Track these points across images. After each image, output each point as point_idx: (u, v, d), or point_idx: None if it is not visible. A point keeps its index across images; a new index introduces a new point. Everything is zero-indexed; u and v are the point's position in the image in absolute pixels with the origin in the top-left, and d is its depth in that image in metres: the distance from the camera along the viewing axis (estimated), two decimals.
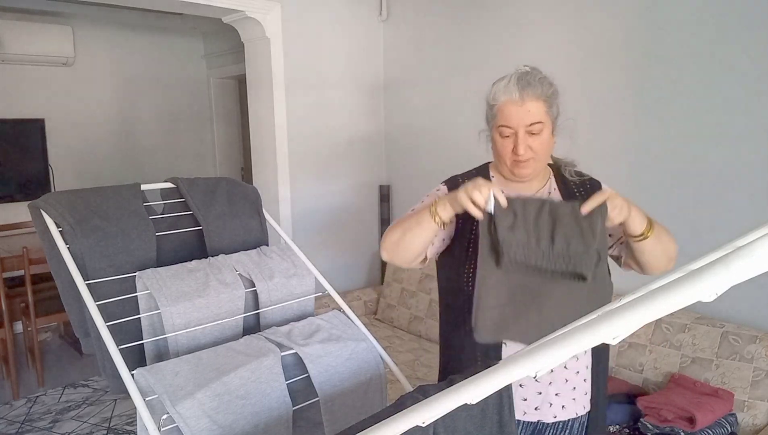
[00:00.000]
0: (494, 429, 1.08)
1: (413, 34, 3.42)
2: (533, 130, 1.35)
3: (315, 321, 1.43)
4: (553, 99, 1.39)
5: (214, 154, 5.69)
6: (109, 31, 4.89)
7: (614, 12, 2.47)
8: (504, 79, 1.36)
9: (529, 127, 1.35)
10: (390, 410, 0.92)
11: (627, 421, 2.04)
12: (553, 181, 1.51)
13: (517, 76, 1.35)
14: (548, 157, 1.45)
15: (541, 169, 1.44)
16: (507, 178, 1.46)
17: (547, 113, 1.37)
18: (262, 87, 3.25)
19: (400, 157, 3.63)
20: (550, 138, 1.41)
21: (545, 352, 0.53)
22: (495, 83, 1.38)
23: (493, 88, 1.38)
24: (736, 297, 2.07)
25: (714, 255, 0.58)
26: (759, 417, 1.97)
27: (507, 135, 1.36)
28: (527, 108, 1.34)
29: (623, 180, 2.51)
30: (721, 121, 2.20)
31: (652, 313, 0.45)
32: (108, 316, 1.26)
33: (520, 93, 1.33)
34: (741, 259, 0.40)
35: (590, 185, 1.52)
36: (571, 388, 1.39)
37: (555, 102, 1.41)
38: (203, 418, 1.08)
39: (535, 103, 1.34)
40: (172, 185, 1.58)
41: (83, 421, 3.06)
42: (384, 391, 1.40)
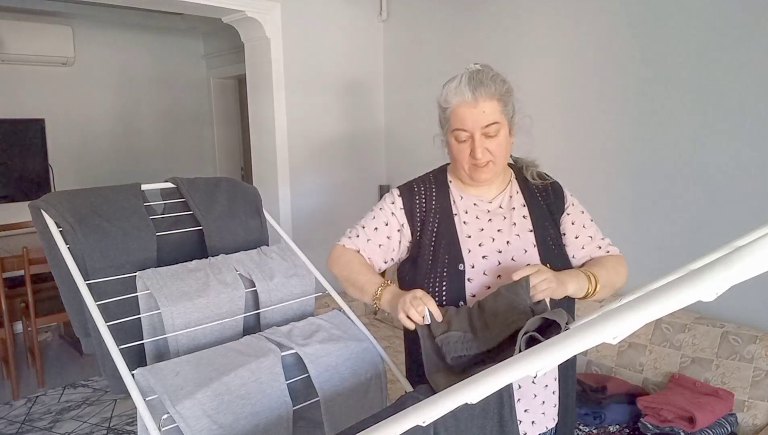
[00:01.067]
0: (495, 429, 1.08)
1: (413, 34, 3.42)
2: (489, 132, 1.29)
3: (315, 321, 1.43)
4: (507, 97, 1.31)
5: (214, 154, 5.69)
6: (109, 31, 4.89)
7: (613, 12, 2.47)
8: (455, 80, 1.30)
9: (485, 129, 1.28)
10: (390, 410, 0.92)
11: (627, 421, 2.04)
12: (514, 183, 1.45)
13: (468, 76, 1.29)
14: (507, 159, 1.39)
15: (500, 171, 1.39)
16: (465, 183, 1.42)
17: (502, 113, 1.30)
18: (262, 87, 3.25)
19: (400, 157, 3.63)
20: (507, 138, 1.34)
21: (545, 352, 0.53)
22: (445, 84, 1.32)
23: (443, 89, 1.32)
24: (736, 297, 2.07)
25: (714, 255, 0.58)
26: (759, 417, 1.97)
27: (463, 139, 1.31)
28: (481, 109, 1.27)
29: (623, 180, 2.51)
30: (720, 121, 2.20)
31: (652, 313, 0.45)
32: (108, 316, 1.26)
33: (473, 93, 1.26)
34: (741, 259, 0.40)
35: (552, 189, 1.46)
36: (540, 402, 1.37)
37: (510, 100, 1.33)
38: (203, 418, 1.08)
39: (490, 103, 1.27)
40: (172, 185, 1.58)
41: (83, 421, 3.06)
42: (384, 391, 1.40)
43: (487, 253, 1.35)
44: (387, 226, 1.43)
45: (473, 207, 1.41)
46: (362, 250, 1.43)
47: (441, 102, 1.33)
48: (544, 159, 2.90)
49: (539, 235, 1.38)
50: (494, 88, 1.28)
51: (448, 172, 1.48)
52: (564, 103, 2.69)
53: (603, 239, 1.46)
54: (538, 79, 2.77)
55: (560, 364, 1.34)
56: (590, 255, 1.43)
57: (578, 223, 1.44)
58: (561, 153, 2.72)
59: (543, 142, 2.79)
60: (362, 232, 1.44)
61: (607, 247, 1.45)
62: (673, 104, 2.33)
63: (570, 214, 1.44)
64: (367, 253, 1.43)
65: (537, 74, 2.78)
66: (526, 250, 1.37)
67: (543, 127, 2.77)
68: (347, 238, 1.45)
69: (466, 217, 1.39)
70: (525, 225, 1.39)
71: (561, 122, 2.71)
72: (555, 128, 2.73)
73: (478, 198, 1.42)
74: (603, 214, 2.60)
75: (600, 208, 2.62)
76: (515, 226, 1.39)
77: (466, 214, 1.40)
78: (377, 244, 1.43)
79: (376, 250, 1.43)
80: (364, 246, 1.43)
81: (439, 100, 1.34)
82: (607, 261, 1.40)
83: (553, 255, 1.38)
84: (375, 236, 1.43)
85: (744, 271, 0.40)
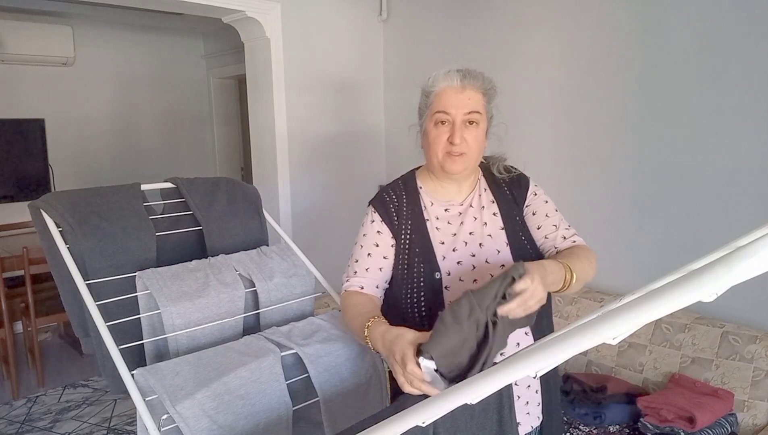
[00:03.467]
0: (494, 429, 1.08)
1: (413, 34, 3.42)
2: (471, 119, 1.29)
3: (315, 321, 1.43)
4: (491, 94, 1.33)
5: (214, 154, 5.69)
6: (109, 31, 4.89)
7: (613, 12, 2.47)
8: (444, 69, 1.31)
9: (467, 114, 1.28)
10: (390, 410, 0.92)
11: (627, 421, 2.04)
12: (482, 181, 1.44)
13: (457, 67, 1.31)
14: (480, 157, 1.38)
15: (472, 168, 1.37)
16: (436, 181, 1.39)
17: (485, 107, 1.31)
18: (262, 87, 3.25)
19: (399, 157, 3.63)
20: (483, 136, 1.34)
21: (546, 352, 0.53)
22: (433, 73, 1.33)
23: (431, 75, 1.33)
24: (736, 297, 2.07)
25: (714, 255, 0.58)
26: (759, 417, 1.97)
27: (443, 121, 1.30)
28: (468, 95, 1.28)
29: (623, 180, 2.51)
30: (721, 121, 2.20)
31: (652, 313, 0.45)
32: (108, 316, 1.26)
33: (461, 81, 1.28)
34: (741, 260, 0.40)
35: (518, 181, 1.44)
36: (524, 403, 1.36)
37: (493, 99, 1.34)
38: (203, 418, 1.08)
39: (476, 93, 1.29)
40: (172, 185, 1.58)
41: (83, 421, 3.06)
42: (384, 391, 1.40)
43: (461, 258, 1.33)
44: (378, 247, 1.37)
45: (444, 213, 1.39)
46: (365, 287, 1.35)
47: (426, 86, 1.33)
48: (543, 159, 2.91)
49: (510, 231, 1.37)
50: (481, 81, 1.30)
51: (417, 177, 1.44)
52: (563, 103, 2.69)
53: (568, 229, 1.41)
54: (537, 79, 2.77)
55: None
56: (554, 245, 1.38)
57: (540, 212, 1.40)
58: (560, 153, 2.71)
59: (542, 143, 2.80)
60: (357, 266, 1.37)
61: (573, 238, 1.39)
62: (672, 104, 2.33)
63: (530, 205, 1.41)
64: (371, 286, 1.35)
65: (536, 74, 2.77)
66: (498, 251, 1.35)
67: (542, 127, 2.78)
68: (347, 282, 1.38)
69: (437, 223, 1.37)
70: (496, 223, 1.38)
71: (560, 122, 2.71)
72: (554, 128, 2.73)
73: (449, 202, 1.40)
74: (603, 214, 2.60)
75: (600, 208, 2.62)
76: (486, 226, 1.37)
77: (437, 220, 1.38)
78: (378, 268, 1.36)
79: (380, 275, 1.36)
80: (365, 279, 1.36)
81: (423, 86, 1.34)
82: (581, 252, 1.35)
83: (526, 252, 1.36)
84: (372, 263, 1.36)
85: (744, 271, 0.40)
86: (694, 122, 2.27)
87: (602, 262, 2.76)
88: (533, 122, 2.79)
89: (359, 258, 1.38)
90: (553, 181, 2.74)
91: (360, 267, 1.36)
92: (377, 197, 1.43)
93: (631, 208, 2.50)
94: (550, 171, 2.74)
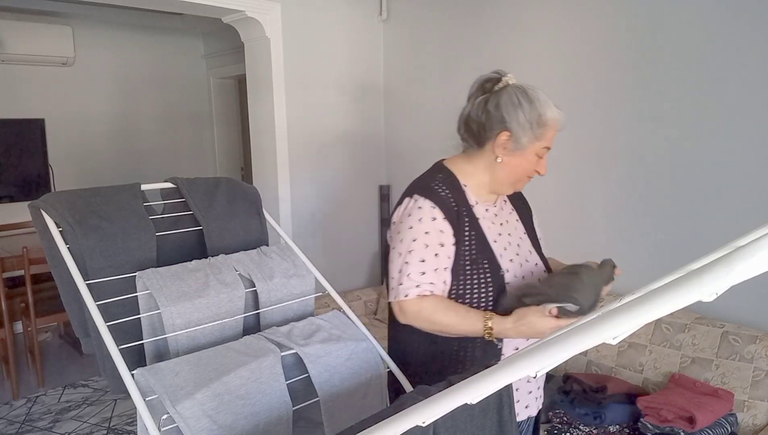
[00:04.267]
0: (494, 429, 1.08)
1: (413, 34, 3.42)
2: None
3: (315, 321, 1.43)
4: None
5: (214, 154, 5.69)
6: (109, 31, 4.89)
7: (613, 12, 2.47)
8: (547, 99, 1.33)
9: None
10: (390, 410, 0.92)
11: (627, 421, 2.04)
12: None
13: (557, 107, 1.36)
14: None
15: None
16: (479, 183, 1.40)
17: None
18: (262, 87, 3.25)
19: (400, 157, 3.63)
20: None
21: (546, 351, 0.53)
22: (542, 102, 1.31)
23: (545, 107, 1.31)
24: (736, 297, 2.07)
25: (714, 255, 0.58)
26: (759, 417, 1.97)
27: (542, 156, 1.36)
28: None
29: (623, 180, 2.51)
30: (720, 121, 2.20)
31: (652, 313, 0.45)
32: (108, 316, 1.26)
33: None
34: (741, 259, 0.40)
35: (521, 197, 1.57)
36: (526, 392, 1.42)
37: None
38: (203, 418, 1.08)
39: None
40: (172, 185, 1.58)
41: (83, 421, 3.06)
42: (384, 391, 1.40)
43: (512, 256, 1.39)
44: (443, 246, 1.32)
45: (485, 212, 1.41)
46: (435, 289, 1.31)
47: (543, 117, 1.31)
48: None
49: (531, 236, 1.49)
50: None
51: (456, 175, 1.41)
52: (563, 103, 2.67)
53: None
54: (537, 79, 2.76)
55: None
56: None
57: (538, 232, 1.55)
58: (560, 153, 2.71)
59: None
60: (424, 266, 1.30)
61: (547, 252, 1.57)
62: (672, 104, 2.33)
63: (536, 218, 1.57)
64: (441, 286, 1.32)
65: (536, 74, 2.77)
66: (530, 251, 1.45)
67: None
68: (415, 288, 1.29)
69: (484, 222, 1.39)
70: (520, 228, 1.48)
71: None
72: None
73: (487, 202, 1.43)
74: (602, 214, 2.60)
75: (600, 208, 2.62)
76: (516, 229, 1.46)
77: (485, 219, 1.39)
78: (443, 268, 1.32)
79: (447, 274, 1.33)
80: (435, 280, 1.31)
81: (539, 114, 1.31)
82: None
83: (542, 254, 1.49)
84: (439, 262, 1.31)
85: (744, 271, 0.40)
86: (694, 122, 2.27)
87: None
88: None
89: (425, 258, 1.30)
90: (553, 180, 2.74)
91: (428, 268, 1.30)
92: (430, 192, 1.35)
93: (630, 208, 2.50)
94: (549, 171, 2.74)
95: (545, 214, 2.98)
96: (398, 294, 1.31)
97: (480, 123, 1.35)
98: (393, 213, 1.42)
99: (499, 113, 1.31)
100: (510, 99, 1.31)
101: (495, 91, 1.34)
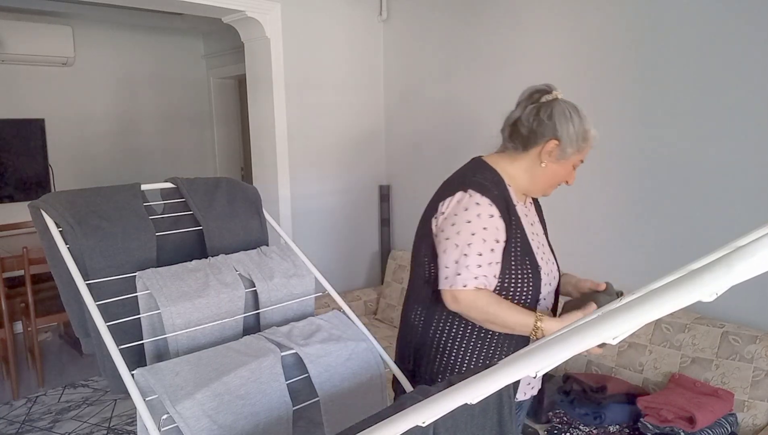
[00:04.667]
0: (494, 429, 1.08)
1: (413, 34, 3.42)
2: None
3: (315, 321, 1.43)
4: None
5: (214, 154, 5.69)
6: (109, 31, 4.89)
7: (614, 11, 2.47)
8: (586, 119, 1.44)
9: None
10: (390, 410, 0.92)
11: (627, 421, 2.04)
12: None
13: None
14: None
15: None
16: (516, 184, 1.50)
17: None
18: (262, 87, 3.25)
19: (400, 157, 3.63)
20: None
21: (546, 351, 0.53)
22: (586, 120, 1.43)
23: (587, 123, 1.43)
24: (736, 297, 2.08)
25: (714, 255, 0.58)
26: (759, 417, 1.97)
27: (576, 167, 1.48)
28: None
29: (622, 180, 2.51)
30: (720, 121, 2.20)
31: (652, 313, 0.45)
32: (108, 316, 1.26)
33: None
34: (741, 259, 0.40)
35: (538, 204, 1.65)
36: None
37: None
38: (203, 418, 1.08)
39: None
40: (172, 185, 1.58)
41: (83, 421, 3.06)
42: (384, 391, 1.40)
43: (542, 254, 1.49)
44: (498, 242, 1.38)
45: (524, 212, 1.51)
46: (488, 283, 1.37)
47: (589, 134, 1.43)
48: None
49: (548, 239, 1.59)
50: None
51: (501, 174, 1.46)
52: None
53: None
54: (537, 79, 2.76)
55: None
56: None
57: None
58: None
59: None
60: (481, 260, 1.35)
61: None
62: (672, 104, 2.33)
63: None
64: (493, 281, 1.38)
65: (536, 74, 2.77)
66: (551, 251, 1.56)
67: None
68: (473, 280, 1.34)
69: (524, 221, 1.47)
70: (540, 226, 1.57)
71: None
72: None
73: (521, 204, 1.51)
74: (603, 214, 2.60)
75: (600, 208, 2.62)
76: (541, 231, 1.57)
77: (525, 217, 1.49)
78: (496, 263, 1.38)
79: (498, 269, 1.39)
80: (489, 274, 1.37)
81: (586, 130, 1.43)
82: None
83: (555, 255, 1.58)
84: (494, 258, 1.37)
85: (744, 271, 0.40)
86: (694, 122, 2.27)
87: (602, 262, 2.77)
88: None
89: (482, 252, 1.35)
90: None
91: (483, 262, 1.35)
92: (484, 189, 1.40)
93: (631, 207, 2.50)
94: None
95: (545, 214, 2.97)
96: (455, 283, 1.35)
97: (531, 129, 1.42)
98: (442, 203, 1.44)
99: (551, 123, 1.40)
100: (563, 111, 1.41)
101: (544, 102, 1.43)
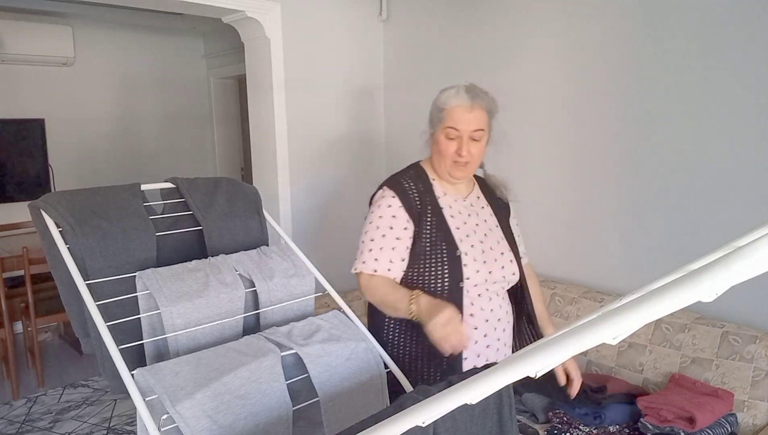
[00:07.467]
0: (494, 429, 1.08)
1: (413, 34, 3.42)
2: (475, 136, 1.51)
3: (315, 321, 1.43)
4: (494, 111, 1.55)
5: (214, 154, 5.69)
6: (109, 31, 4.89)
7: (612, 13, 2.47)
8: (453, 88, 1.51)
9: (473, 132, 1.50)
10: (390, 410, 0.92)
11: (627, 421, 2.04)
12: (476, 187, 1.69)
13: (465, 87, 1.51)
14: (478, 165, 1.61)
15: (472, 173, 1.62)
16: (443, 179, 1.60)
17: (488, 123, 1.53)
18: (262, 87, 3.25)
19: (400, 157, 3.62)
20: (484, 148, 1.57)
21: (545, 352, 0.53)
22: (444, 90, 1.53)
23: (443, 94, 1.53)
24: (736, 297, 2.07)
25: (714, 255, 0.58)
26: (759, 417, 1.97)
27: (452, 137, 1.51)
28: (475, 115, 1.49)
29: (622, 180, 2.51)
30: (721, 121, 2.20)
31: (652, 313, 0.45)
32: (108, 316, 1.26)
33: (471, 101, 1.49)
34: (741, 259, 0.40)
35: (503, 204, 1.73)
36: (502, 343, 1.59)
37: (495, 115, 1.56)
38: (203, 418, 1.08)
39: (481, 112, 1.50)
40: (172, 185, 1.58)
41: (83, 421, 3.06)
42: (384, 391, 1.40)
43: (474, 242, 1.56)
44: (392, 229, 1.52)
45: (454, 202, 1.60)
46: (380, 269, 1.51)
47: (439, 103, 1.54)
48: (543, 158, 2.91)
49: (503, 228, 1.66)
50: (487, 101, 1.52)
51: (425, 169, 1.63)
52: (562, 103, 2.69)
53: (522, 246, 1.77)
54: (537, 79, 2.77)
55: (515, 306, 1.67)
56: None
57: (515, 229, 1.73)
58: (560, 153, 2.71)
59: (542, 142, 2.80)
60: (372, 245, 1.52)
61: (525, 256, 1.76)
62: (672, 104, 2.33)
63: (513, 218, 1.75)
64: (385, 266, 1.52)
65: (536, 74, 2.77)
66: (498, 241, 1.61)
67: (542, 127, 2.77)
68: (362, 263, 1.53)
69: (451, 211, 1.58)
70: (492, 221, 1.64)
71: (559, 123, 2.70)
72: (554, 128, 2.73)
73: (456, 195, 1.61)
74: (603, 214, 2.60)
75: (600, 208, 2.62)
76: (485, 222, 1.62)
77: (450, 209, 1.58)
78: (391, 248, 1.51)
79: (392, 254, 1.52)
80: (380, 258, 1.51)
81: (436, 102, 1.55)
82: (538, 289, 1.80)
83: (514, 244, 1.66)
84: (386, 243, 1.52)
85: (744, 271, 0.40)
86: (694, 122, 2.27)
87: (602, 262, 2.76)
88: (533, 122, 2.79)
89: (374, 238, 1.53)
90: (553, 180, 2.74)
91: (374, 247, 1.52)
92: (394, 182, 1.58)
93: (630, 208, 2.50)
94: (549, 170, 2.74)
95: (545, 214, 2.97)
96: (355, 268, 1.57)
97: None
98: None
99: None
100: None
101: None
